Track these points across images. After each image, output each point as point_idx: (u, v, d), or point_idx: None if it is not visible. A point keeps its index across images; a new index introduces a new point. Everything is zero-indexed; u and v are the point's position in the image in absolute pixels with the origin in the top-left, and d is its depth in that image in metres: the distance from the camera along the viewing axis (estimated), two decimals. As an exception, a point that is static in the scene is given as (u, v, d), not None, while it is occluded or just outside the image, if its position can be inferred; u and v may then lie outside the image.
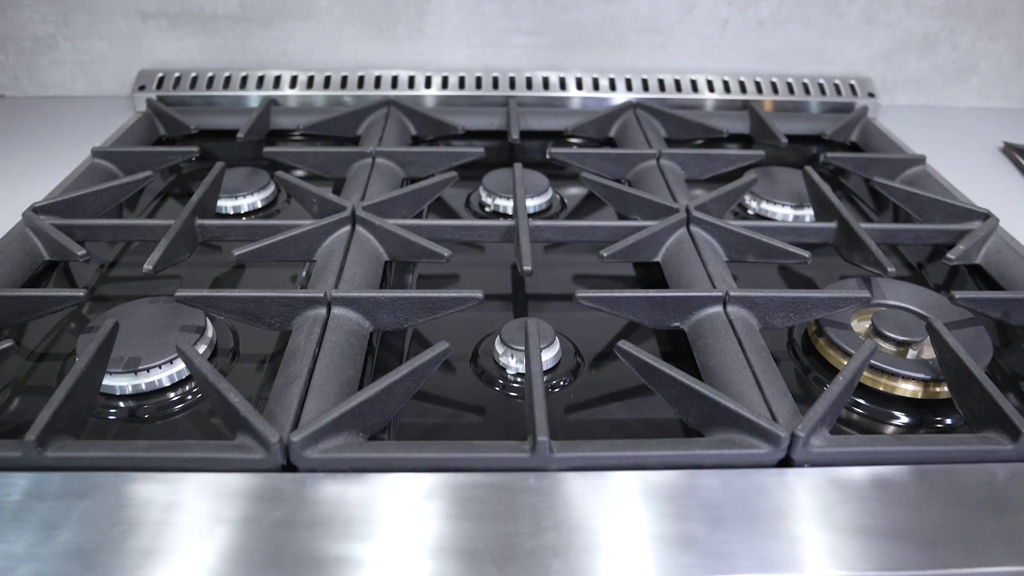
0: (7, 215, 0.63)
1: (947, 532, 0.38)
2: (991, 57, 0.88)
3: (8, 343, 0.46)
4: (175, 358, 0.50)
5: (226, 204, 0.69)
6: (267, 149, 0.69)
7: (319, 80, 0.84)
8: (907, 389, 0.50)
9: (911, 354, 0.52)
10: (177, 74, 0.83)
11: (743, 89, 0.85)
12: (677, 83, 0.85)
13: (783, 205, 0.70)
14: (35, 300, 0.51)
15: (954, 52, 0.88)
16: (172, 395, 0.49)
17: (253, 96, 0.83)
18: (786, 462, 0.42)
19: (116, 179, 0.66)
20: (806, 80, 0.86)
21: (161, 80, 0.84)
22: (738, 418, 0.41)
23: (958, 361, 0.46)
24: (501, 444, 0.41)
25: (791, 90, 0.86)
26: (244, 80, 0.83)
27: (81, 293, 0.51)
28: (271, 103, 0.82)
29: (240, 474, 0.40)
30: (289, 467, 0.40)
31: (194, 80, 0.84)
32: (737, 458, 0.41)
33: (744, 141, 0.85)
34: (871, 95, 0.86)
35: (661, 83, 0.85)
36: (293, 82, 0.84)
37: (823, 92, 0.86)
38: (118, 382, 0.48)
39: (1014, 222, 0.66)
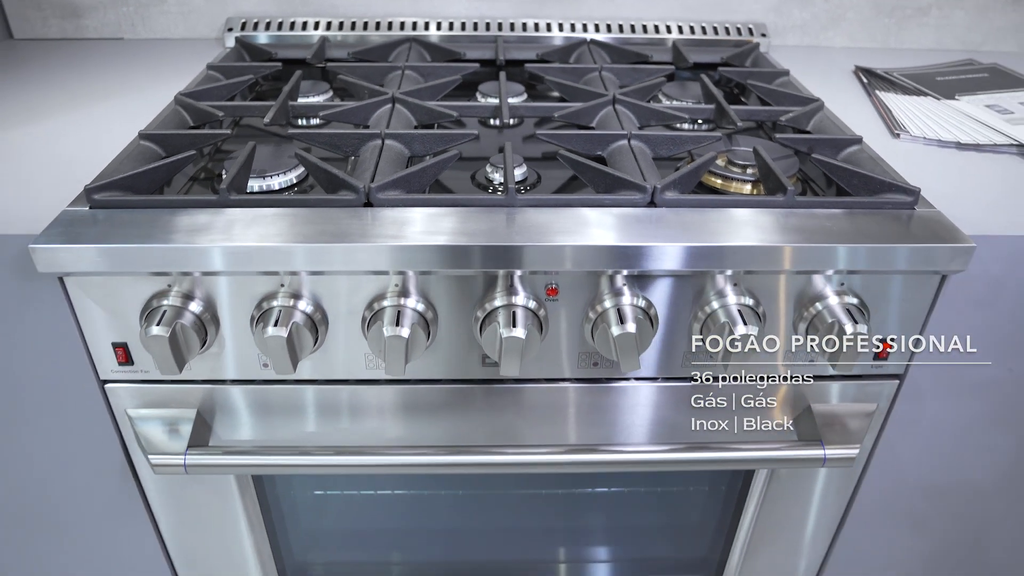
0: (151, 106, 0.92)
1: (751, 231, 0.67)
2: (855, 8, 1.17)
3: (189, 152, 0.75)
4: (286, 171, 0.78)
5: (299, 101, 0.98)
6: (330, 64, 0.98)
7: (359, 24, 1.14)
8: (745, 189, 0.79)
9: (750, 172, 0.82)
10: (256, 20, 1.13)
11: (669, 31, 1.15)
12: (620, 27, 1.14)
13: (687, 102, 0.99)
14: (200, 136, 0.80)
15: (827, 4, 1.17)
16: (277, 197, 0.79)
17: (311, 35, 1.12)
18: (652, 205, 0.71)
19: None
20: (716, 24, 1.16)
21: (244, 24, 1.13)
22: (624, 182, 0.71)
23: (765, 164, 0.75)
24: (486, 194, 0.70)
25: (704, 31, 1.15)
26: (304, 24, 1.13)
27: (228, 131, 0.80)
28: (325, 40, 1.11)
29: (339, 208, 0.69)
30: (367, 204, 0.69)
31: (268, 24, 1.13)
32: (624, 201, 0.70)
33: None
34: (764, 35, 1.15)
35: (609, 27, 1.14)
36: (340, 26, 1.13)
37: (728, 32, 1.15)
38: (250, 183, 0.78)
39: (844, 108, 0.95)
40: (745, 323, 0.68)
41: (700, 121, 0.93)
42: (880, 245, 0.66)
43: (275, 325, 0.66)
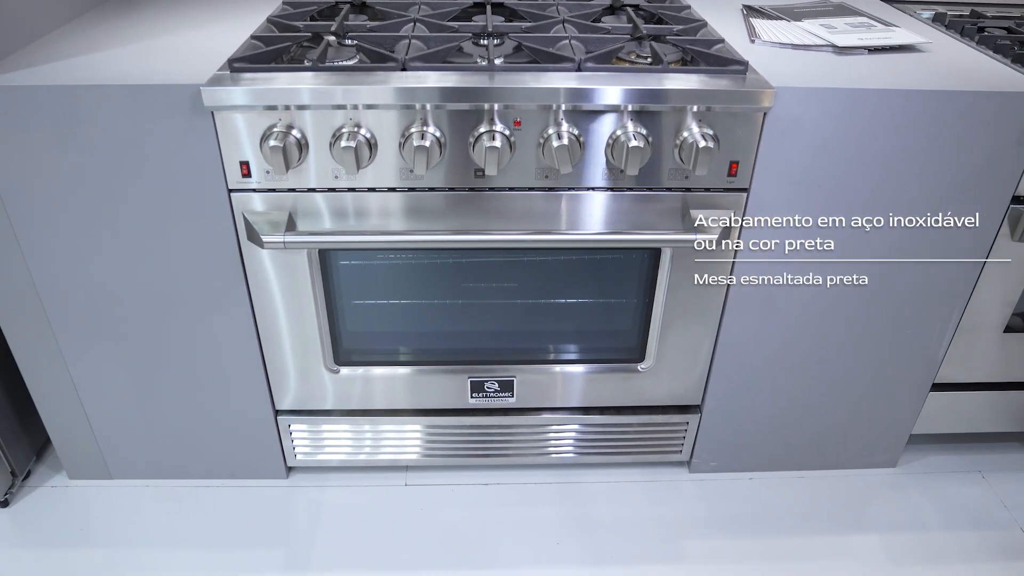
0: (247, 26, 1.33)
1: (641, 81, 1.09)
2: (748, -33, 1.59)
3: (287, 44, 1.17)
4: (346, 60, 1.19)
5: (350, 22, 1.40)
6: (368, 1, 1.40)
7: (385, -22, 1.56)
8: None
9: (648, 60, 1.23)
10: (310, -25, 1.55)
11: (611, -18, 1.57)
12: (576, -20, 1.57)
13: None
14: (290, 36, 1.21)
15: (727, -36, 1.59)
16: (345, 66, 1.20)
17: (350, -14, 1.54)
18: (579, 70, 1.12)
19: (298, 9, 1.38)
20: (645, -22, 1.58)
21: (301, -21, 1.55)
22: (562, 57, 1.12)
23: (653, 49, 1.17)
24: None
25: (637, -17, 1.58)
26: (345, -22, 1.55)
27: (309, 34, 1.22)
28: (361, -11, 1.53)
29: (384, 71, 1.10)
30: (403, 69, 1.11)
31: (319, -22, 1.55)
32: (560, 67, 1.11)
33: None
34: (680, -15, 1.58)
35: (567, -20, 1.57)
36: (371, -21, 1.55)
37: (654, -16, 1.58)
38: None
39: (723, 28, 1.36)
40: (635, 139, 1.09)
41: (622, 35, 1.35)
42: (721, 89, 1.08)
43: (347, 140, 1.08)
